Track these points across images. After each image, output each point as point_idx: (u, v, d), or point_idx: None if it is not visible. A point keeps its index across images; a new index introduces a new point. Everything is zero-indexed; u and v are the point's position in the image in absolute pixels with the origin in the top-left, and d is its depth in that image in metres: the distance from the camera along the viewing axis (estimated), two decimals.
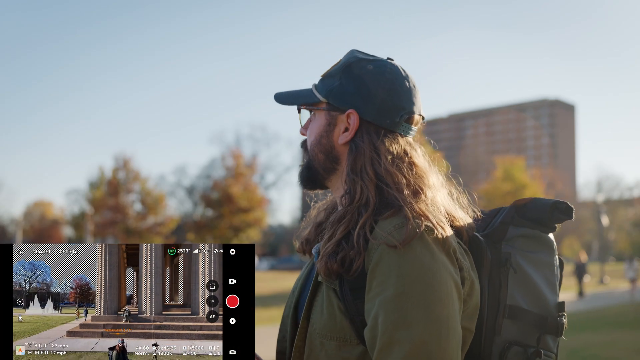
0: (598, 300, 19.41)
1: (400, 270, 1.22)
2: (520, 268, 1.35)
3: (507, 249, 1.36)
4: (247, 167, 34.79)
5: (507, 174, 35.10)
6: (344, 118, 1.39)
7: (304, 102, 1.46)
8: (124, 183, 35.96)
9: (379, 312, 1.22)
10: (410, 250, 1.23)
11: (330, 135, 1.41)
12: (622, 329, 11.90)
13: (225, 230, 33.02)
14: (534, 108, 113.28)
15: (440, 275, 1.22)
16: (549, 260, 1.41)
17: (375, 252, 1.25)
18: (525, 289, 1.35)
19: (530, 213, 1.40)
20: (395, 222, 1.27)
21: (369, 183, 1.33)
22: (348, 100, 1.39)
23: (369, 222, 1.30)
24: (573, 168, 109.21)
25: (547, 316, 1.36)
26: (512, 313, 1.32)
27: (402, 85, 1.40)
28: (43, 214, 59.14)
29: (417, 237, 1.24)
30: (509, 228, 1.39)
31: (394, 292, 1.21)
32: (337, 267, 1.29)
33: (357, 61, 1.41)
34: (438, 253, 1.24)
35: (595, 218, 43.72)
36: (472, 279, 1.29)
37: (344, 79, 1.40)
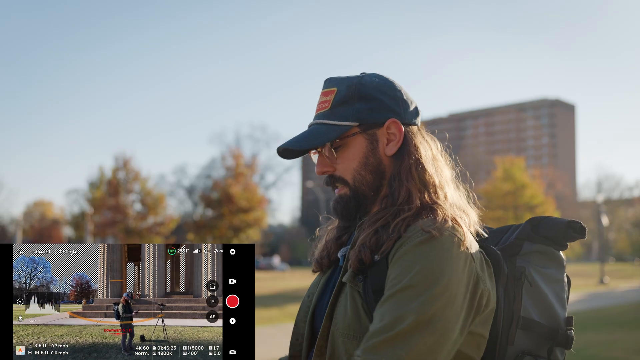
0: (598, 300, 19.40)
1: (416, 265, 1.25)
2: (534, 282, 1.40)
3: (521, 263, 1.41)
4: (247, 167, 34.77)
5: (507, 174, 35.07)
6: (384, 131, 1.43)
7: (335, 135, 1.41)
8: (124, 183, 35.93)
9: (382, 303, 1.25)
10: (432, 249, 1.26)
11: (376, 152, 1.43)
12: (623, 329, 11.90)
13: (225, 230, 33.00)
14: (534, 108, 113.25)
15: (450, 279, 1.24)
16: (559, 276, 1.46)
17: (404, 246, 1.29)
18: (538, 302, 1.40)
19: (544, 230, 1.45)
20: (429, 222, 1.31)
21: (413, 186, 1.39)
22: (382, 112, 1.42)
23: (408, 219, 1.34)
24: (573, 168, 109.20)
25: (557, 329, 1.40)
26: (525, 324, 1.37)
27: (402, 88, 1.49)
28: (43, 214, 59.15)
29: (445, 238, 1.28)
30: (524, 243, 1.44)
31: (401, 286, 1.24)
32: (368, 255, 1.33)
33: (360, 80, 1.44)
34: (456, 257, 1.27)
35: (595, 218, 43.72)
36: (489, 289, 1.33)
37: (364, 99, 1.43)
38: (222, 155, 36.35)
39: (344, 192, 1.44)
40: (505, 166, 35.80)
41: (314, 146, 1.43)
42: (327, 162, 1.45)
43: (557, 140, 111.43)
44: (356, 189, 1.42)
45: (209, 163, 42.63)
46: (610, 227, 51.32)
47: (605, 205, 48.16)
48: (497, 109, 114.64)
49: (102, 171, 36.82)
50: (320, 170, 1.46)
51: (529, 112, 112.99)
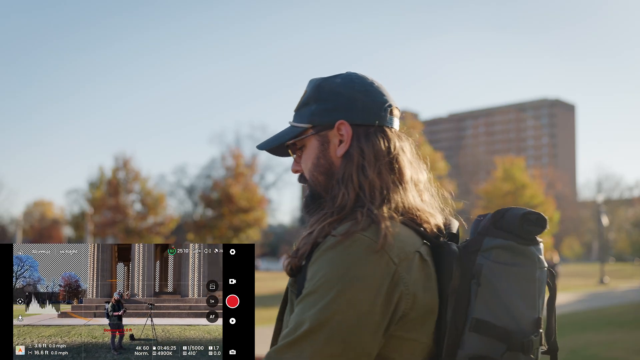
0: (598, 300, 19.40)
1: (321, 271, 1.24)
2: (492, 281, 1.31)
3: (481, 260, 1.33)
4: (247, 167, 34.79)
5: (507, 174, 35.09)
6: (335, 132, 1.41)
7: (290, 137, 1.47)
8: (124, 183, 35.95)
9: (296, 307, 1.26)
10: (338, 253, 1.24)
11: (327, 153, 1.43)
12: (623, 329, 11.90)
13: (225, 230, 33.02)
14: (534, 108, 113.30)
15: (352, 285, 1.22)
16: (528, 273, 1.34)
17: (317, 252, 1.28)
18: (496, 303, 1.30)
19: (505, 224, 1.36)
20: (344, 227, 1.28)
21: (352, 191, 1.35)
22: (333, 114, 1.42)
23: (334, 223, 1.31)
24: (573, 168, 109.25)
25: (515, 331, 1.30)
26: (477, 327, 1.29)
27: (372, 86, 1.46)
28: (43, 214, 59.15)
29: (353, 242, 1.25)
30: (484, 239, 1.35)
31: (306, 293, 1.24)
32: (296, 261, 1.33)
33: (323, 81, 1.46)
34: (363, 261, 1.24)
35: (595, 218, 43.74)
36: (415, 293, 1.27)
37: (320, 99, 1.44)
38: (222, 155, 36.41)
39: (307, 192, 1.47)
40: (505, 166, 35.82)
41: (272, 146, 1.50)
42: (297, 162, 1.50)
43: (557, 140, 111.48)
44: (312, 189, 1.45)
45: (209, 163, 42.61)
46: (610, 227, 51.28)
47: (605, 205, 48.13)
48: (497, 109, 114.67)
49: (102, 171, 36.85)
50: (292, 169, 1.51)
51: (529, 112, 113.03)
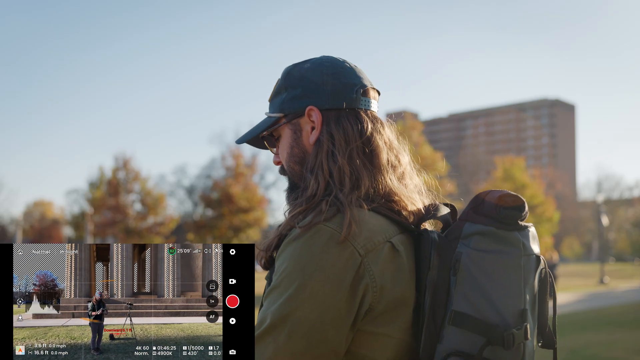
0: (598, 300, 19.40)
1: (284, 264, 1.22)
2: (470, 270, 1.23)
3: (461, 248, 1.25)
4: (247, 167, 34.77)
5: (507, 174, 35.08)
6: (306, 119, 1.37)
7: (264, 127, 1.43)
8: (124, 183, 35.95)
9: (263, 301, 1.25)
10: (300, 245, 1.21)
11: (300, 141, 1.39)
12: (623, 329, 11.90)
13: (225, 230, 33.02)
14: (534, 108, 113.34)
15: (312, 278, 1.18)
16: (511, 261, 1.24)
17: (283, 244, 1.26)
18: (476, 294, 1.22)
19: (485, 208, 1.27)
20: (308, 218, 1.24)
21: (322, 179, 1.31)
22: (302, 100, 1.38)
23: (303, 213, 1.27)
24: (573, 168, 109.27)
25: (496, 324, 1.21)
26: (457, 319, 1.22)
27: (344, 67, 1.40)
28: (43, 214, 59.16)
29: (314, 234, 1.21)
30: (464, 225, 1.27)
31: (271, 286, 1.23)
32: (264, 254, 1.33)
33: (293, 67, 1.43)
34: (324, 253, 1.19)
35: (595, 218, 43.74)
36: (382, 285, 1.21)
37: (289, 87, 1.40)
38: (222, 155, 36.34)
39: (287, 184, 1.44)
40: (505, 166, 35.83)
41: (249, 139, 1.47)
42: (276, 154, 1.47)
43: (557, 140, 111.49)
44: (290, 180, 1.42)
45: (209, 163, 42.45)
46: (610, 227, 51.29)
47: (605, 205, 48.15)
48: (497, 109, 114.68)
49: (102, 171, 36.84)
50: (274, 161, 1.48)
51: (529, 112, 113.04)
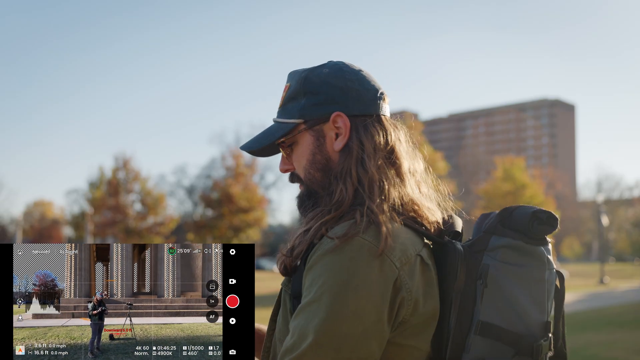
0: (598, 300, 19.39)
1: (322, 277, 1.18)
2: (498, 282, 1.26)
3: (487, 260, 1.27)
4: (247, 167, 34.76)
5: (507, 174, 35.09)
6: (331, 125, 1.34)
7: (281, 134, 1.38)
8: (124, 183, 35.94)
9: (294, 318, 1.20)
10: (337, 259, 1.18)
11: (323, 148, 1.35)
12: (623, 329, 11.90)
13: (225, 230, 33.02)
14: (534, 108, 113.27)
15: (356, 292, 1.15)
16: (537, 274, 1.29)
17: (315, 254, 1.21)
18: (503, 305, 1.25)
19: (513, 222, 1.30)
20: (342, 227, 1.22)
21: (350, 186, 1.29)
22: (327, 106, 1.34)
23: (332, 221, 1.26)
24: (573, 168, 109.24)
25: (523, 335, 1.25)
26: (484, 330, 1.24)
27: (361, 73, 1.38)
28: (43, 214, 59.11)
29: (353, 246, 1.18)
30: (491, 238, 1.30)
31: (308, 300, 1.18)
32: (290, 260, 1.29)
33: (310, 73, 1.38)
34: (366, 267, 1.17)
35: (595, 218, 43.74)
36: (417, 299, 1.21)
37: (310, 92, 1.36)
38: (222, 155, 36.38)
39: (301, 190, 1.40)
40: (505, 166, 35.83)
41: (263, 146, 1.40)
42: (287, 160, 1.42)
43: (557, 140, 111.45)
44: (308, 187, 1.38)
45: (209, 163, 42.48)
46: (610, 227, 51.27)
47: (605, 205, 48.09)
48: (497, 109, 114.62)
49: (102, 171, 36.85)
50: (282, 168, 1.43)
51: (529, 112, 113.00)
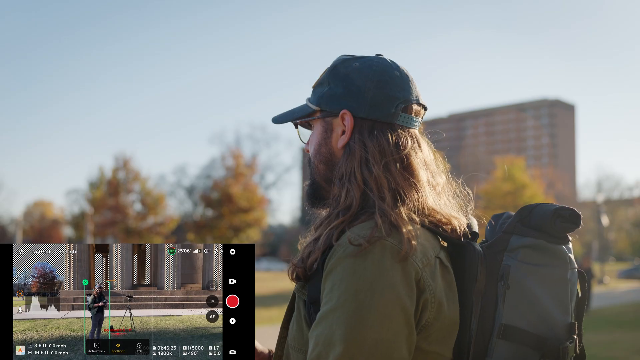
0: (598, 300, 19.39)
1: (344, 282, 1.14)
2: (520, 283, 1.23)
3: (508, 261, 1.25)
4: (247, 167, 34.74)
5: (507, 174, 35.05)
6: (339, 121, 1.33)
7: (299, 116, 1.40)
8: (124, 183, 35.93)
9: (316, 325, 1.16)
10: (361, 263, 1.15)
11: (329, 142, 1.35)
12: (622, 329, 11.90)
13: (225, 230, 32.98)
14: (534, 108, 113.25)
15: (382, 296, 1.13)
16: (560, 274, 1.26)
17: (333, 257, 1.19)
18: (526, 307, 1.23)
19: (534, 221, 1.27)
20: (361, 229, 1.19)
21: (356, 188, 1.27)
22: (339, 101, 1.33)
23: (342, 226, 1.23)
24: (573, 168, 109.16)
25: (548, 338, 1.23)
26: (507, 333, 1.21)
27: (392, 76, 1.34)
28: (43, 214, 59.10)
29: (375, 250, 1.16)
30: (511, 238, 1.27)
31: (331, 307, 1.14)
32: (302, 270, 1.26)
33: (342, 62, 1.37)
34: (391, 270, 1.15)
35: (595, 218, 43.74)
36: (440, 301, 1.19)
37: (332, 82, 1.35)
38: (222, 155, 36.35)
39: (308, 180, 1.41)
40: (506, 166, 35.81)
41: (284, 121, 1.44)
42: (306, 143, 1.44)
43: (557, 140, 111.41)
44: (313, 177, 1.39)
45: (209, 163, 42.54)
46: (610, 227, 51.25)
47: (605, 205, 48.11)
48: (497, 109, 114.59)
49: (102, 171, 36.83)
50: (304, 148, 1.45)
51: (529, 112, 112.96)
